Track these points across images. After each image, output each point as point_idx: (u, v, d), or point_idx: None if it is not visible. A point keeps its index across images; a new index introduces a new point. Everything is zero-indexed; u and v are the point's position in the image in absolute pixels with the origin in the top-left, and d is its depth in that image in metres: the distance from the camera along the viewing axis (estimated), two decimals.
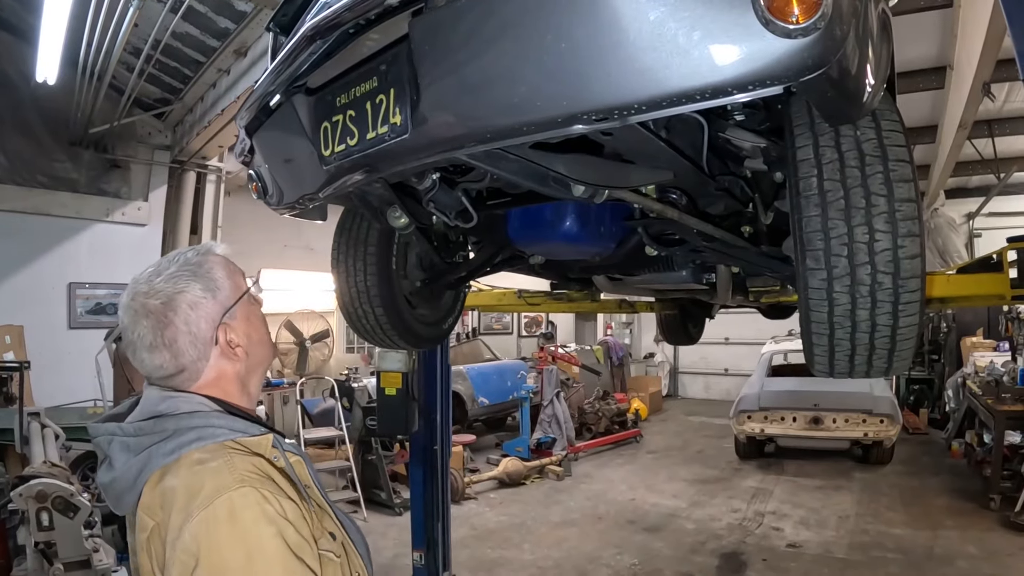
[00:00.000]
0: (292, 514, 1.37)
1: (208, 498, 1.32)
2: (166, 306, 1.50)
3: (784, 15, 1.24)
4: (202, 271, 1.56)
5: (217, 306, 1.55)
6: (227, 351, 1.57)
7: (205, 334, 1.53)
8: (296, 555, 1.33)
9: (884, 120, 1.83)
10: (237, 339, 1.58)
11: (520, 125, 1.54)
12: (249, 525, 1.31)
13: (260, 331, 1.67)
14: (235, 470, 1.37)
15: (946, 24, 8.60)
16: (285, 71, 1.99)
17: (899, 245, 1.77)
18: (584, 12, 1.39)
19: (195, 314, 1.52)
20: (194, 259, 1.58)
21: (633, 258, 3.09)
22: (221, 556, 1.28)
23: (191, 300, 1.52)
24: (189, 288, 1.52)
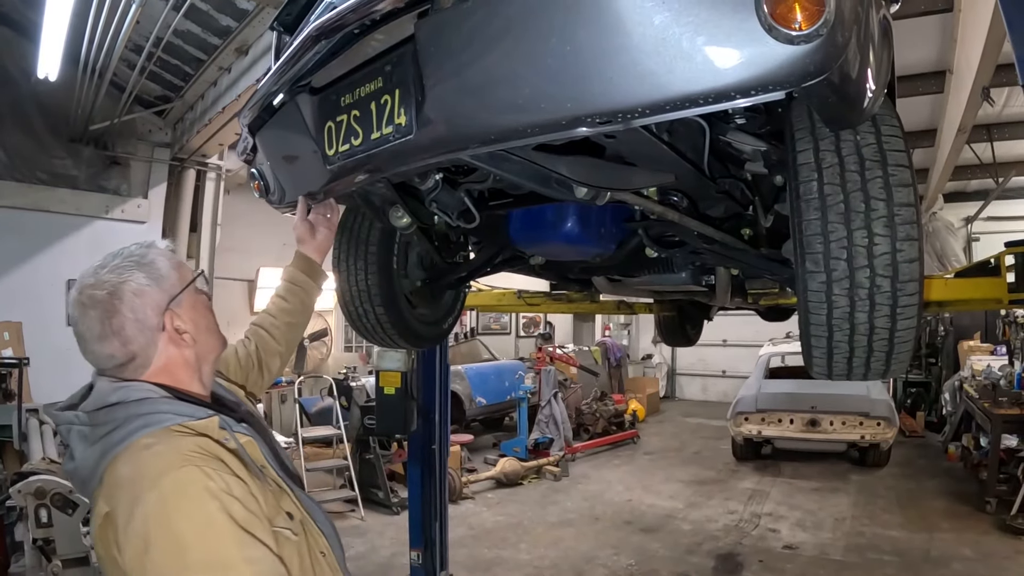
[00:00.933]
0: (238, 491, 1.42)
1: (153, 480, 1.37)
2: (112, 295, 1.56)
3: (787, 21, 1.26)
4: (145, 261, 1.62)
5: (162, 294, 1.62)
6: (174, 337, 1.63)
7: (151, 320, 1.59)
8: (244, 529, 1.37)
9: (884, 125, 1.85)
10: (184, 326, 1.64)
11: (524, 127, 1.55)
12: (194, 502, 1.36)
13: (208, 320, 1.75)
14: (178, 451, 1.42)
15: (946, 28, 8.62)
16: (289, 70, 2.00)
17: (898, 249, 1.78)
18: (589, 16, 1.41)
19: (140, 301, 1.58)
20: (138, 252, 1.64)
21: (633, 259, 3.10)
22: (171, 533, 1.33)
23: (135, 288, 1.58)
24: (133, 277, 1.58)
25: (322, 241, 2.52)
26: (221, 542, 1.34)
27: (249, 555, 1.36)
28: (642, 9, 1.35)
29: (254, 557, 1.36)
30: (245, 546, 1.36)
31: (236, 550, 1.35)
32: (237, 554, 1.35)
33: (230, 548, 1.35)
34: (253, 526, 1.39)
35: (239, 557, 1.34)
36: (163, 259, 1.66)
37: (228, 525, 1.35)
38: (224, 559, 1.34)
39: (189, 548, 1.32)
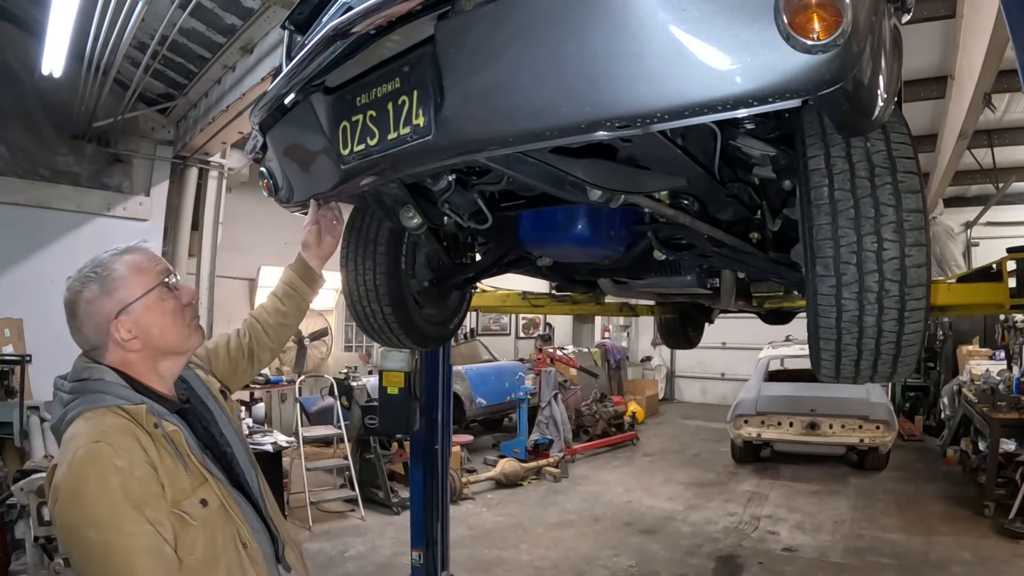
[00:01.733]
0: (140, 472, 1.65)
1: (76, 447, 1.64)
2: (72, 301, 1.84)
3: (805, 31, 1.27)
4: (104, 271, 1.85)
5: (112, 303, 1.83)
6: (120, 342, 1.83)
7: (102, 327, 1.83)
8: (135, 505, 1.60)
9: (894, 133, 1.87)
10: (131, 333, 1.83)
11: (543, 130, 1.57)
12: (98, 471, 1.60)
13: (165, 323, 1.90)
14: (102, 428, 1.68)
15: (948, 34, 8.64)
16: (304, 70, 2.01)
17: (906, 254, 1.81)
18: (610, 22, 1.43)
19: (92, 309, 1.83)
20: (105, 259, 1.88)
21: (641, 262, 3.12)
22: (74, 491, 1.60)
23: (88, 298, 1.83)
24: (87, 288, 1.83)
25: (327, 249, 2.63)
26: (112, 508, 1.58)
27: (131, 528, 1.58)
28: (663, 16, 1.37)
29: (135, 530, 1.59)
30: (129, 519, 1.58)
31: (122, 518, 1.58)
32: (122, 522, 1.58)
33: (117, 516, 1.58)
34: (145, 503, 1.62)
35: (123, 525, 1.58)
36: (125, 268, 1.87)
37: (121, 497, 1.59)
38: (110, 522, 1.58)
39: (85, 507, 1.59)
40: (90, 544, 1.59)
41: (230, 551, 1.79)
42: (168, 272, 1.95)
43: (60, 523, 1.65)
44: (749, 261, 2.73)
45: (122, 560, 1.57)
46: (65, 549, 1.74)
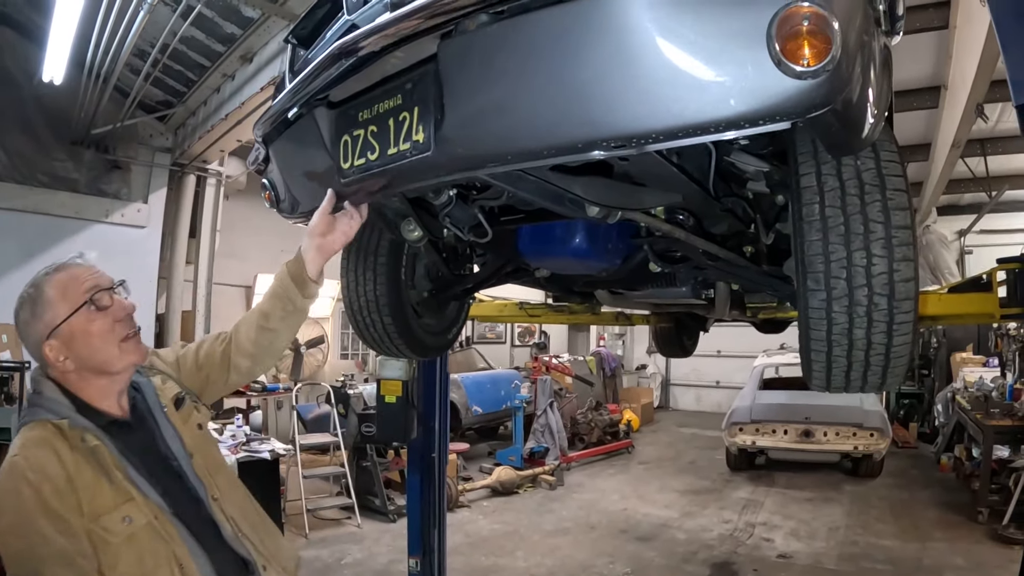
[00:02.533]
0: (51, 484, 1.69)
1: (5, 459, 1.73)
2: (15, 320, 1.90)
3: (796, 58, 1.32)
4: (37, 293, 1.87)
5: (41, 326, 1.85)
6: (54, 362, 1.86)
7: (37, 346, 1.87)
8: (42, 512, 1.65)
9: (883, 151, 1.92)
10: (60, 354, 1.85)
11: (542, 148, 1.61)
12: (7, 483, 1.69)
13: (90, 345, 1.88)
14: (21, 442, 1.75)
15: (941, 45, 8.72)
16: (308, 86, 2.04)
17: (895, 269, 1.86)
18: (609, 45, 1.47)
19: (27, 331, 1.88)
20: (40, 279, 1.90)
21: (637, 274, 3.16)
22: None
23: (23, 319, 1.88)
24: (22, 309, 1.88)
25: (335, 240, 2.27)
26: (23, 518, 1.65)
27: (40, 538, 1.64)
28: (660, 40, 1.42)
29: (45, 540, 1.64)
30: (38, 529, 1.65)
31: (31, 528, 1.64)
32: (31, 531, 1.64)
33: (28, 525, 1.65)
34: (57, 515, 1.66)
35: (32, 535, 1.64)
36: (55, 289, 1.87)
37: (32, 507, 1.65)
38: (23, 531, 1.65)
39: (3, 515, 1.68)
40: (10, 550, 1.68)
41: (162, 572, 1.76)
42: (95, 289, 1.91)
43: None
44: (742, 274, 2.78)
45: (32, 567, 1.64)
46: None
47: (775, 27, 1.33)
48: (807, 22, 1.32)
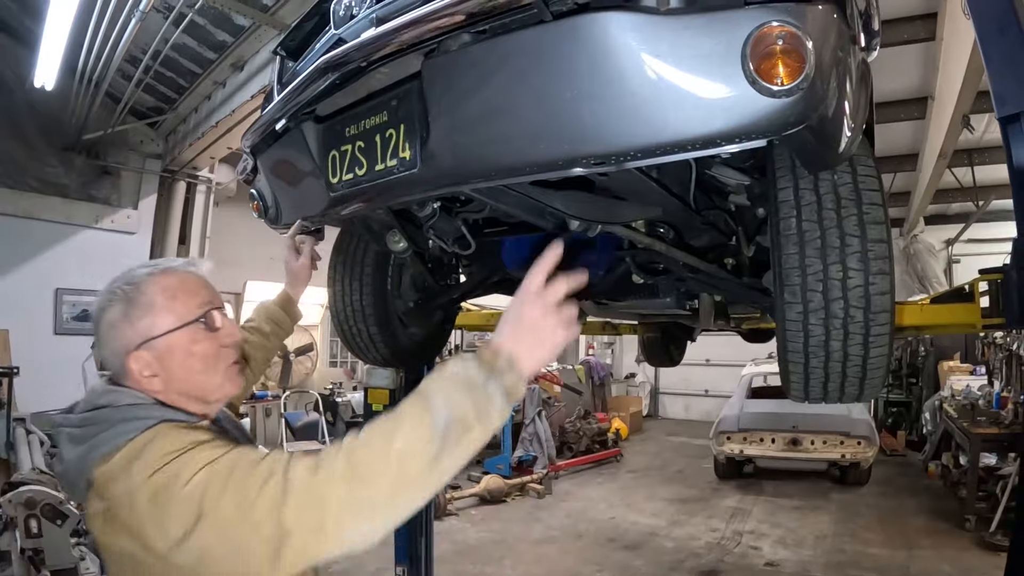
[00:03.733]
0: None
1: (168, 456, 1.34)
2: (95, 318, 1.56)
3: (770, 77, 1.36)
4: (135, 292, 1.54)
5: (131, 332, 1.52)
6: (137, 378, 1.52)
7: (119, 355, 1.52)
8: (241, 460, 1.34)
9: (860, 166, 1.96)
10: (151, 369, 1.53)
11: (524, 165, 1.65)
12: (217, 465, 1.31)
13: (188, 367, 1.57)
14: (182, 440, 1.38)
15: (928, 56, 8.82)
16: (295, 99, 2.06)
17: (871, 282, 1.90)
18: (588, 65, 1.51)
19: (111, 334, 1.53)
20: (140, 277, 1.57)
21: (620, 285, 3.18)
22: (214, 501, 1.28)
23: (109, 320, 1.53)
24: (111, 307, 1.53)
25: (305, 277, 2.55)
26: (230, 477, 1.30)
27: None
28: (638, 61, 1.45)
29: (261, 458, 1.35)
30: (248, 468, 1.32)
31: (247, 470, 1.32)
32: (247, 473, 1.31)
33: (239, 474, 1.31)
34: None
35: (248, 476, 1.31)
36: (158, 294, 1.55)
37: (231, 464, 1.33)
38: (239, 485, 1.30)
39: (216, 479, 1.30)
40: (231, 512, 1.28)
41: None
42: (210, 305, 1.62)
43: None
44: (723, 286, 2.81)
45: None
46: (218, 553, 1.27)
47: (749, 47, 1.37)
48: (781, 41, 1.36)
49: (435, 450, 1.30)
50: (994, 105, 2.20)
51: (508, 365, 1.40)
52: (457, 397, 1.34)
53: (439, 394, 1.35)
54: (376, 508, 1.29)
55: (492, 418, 1.36)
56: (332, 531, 1.26)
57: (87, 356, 7.51)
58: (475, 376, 1.37)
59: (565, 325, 1.45)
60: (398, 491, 1.29)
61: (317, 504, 1.26)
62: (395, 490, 1.29)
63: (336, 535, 1.27)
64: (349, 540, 1.28)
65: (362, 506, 1.27)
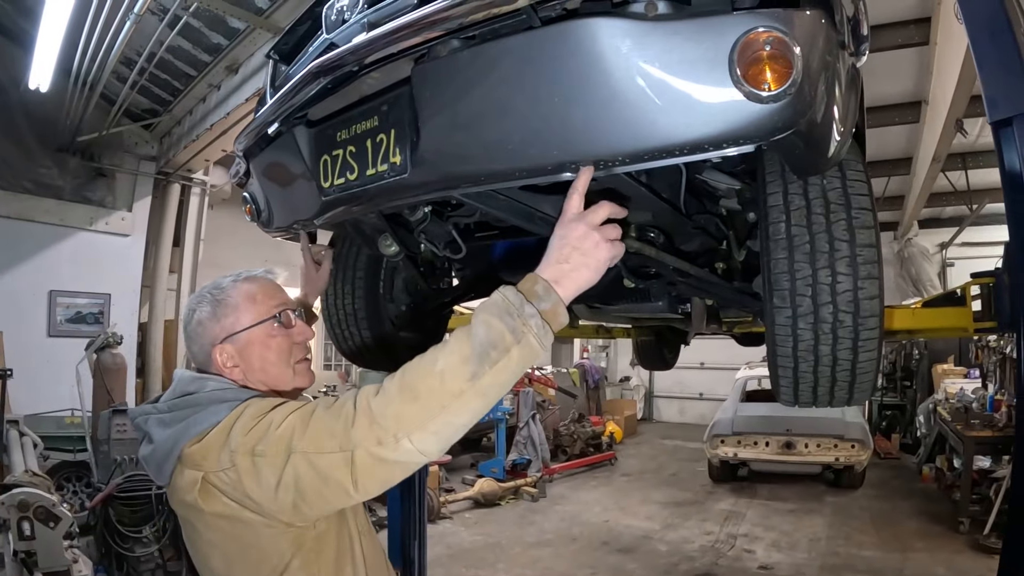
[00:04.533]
0: None
1: (261, 414, 1.58)
2: (186, 319, 1.84)
3: (758, 83, 1.36)
4: (222, 295, 1.81)
5: (219, 329, 1.78)
6: (221, 368, 1.78)
7: (206, 348, 1.79)
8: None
9: (850, 170, 1.97)
10: (233, 360, 1.78)
11: (513, 170, 1.65)
12: (303, 410, 1.56)
13: (263, 359, 1.82)
14: (269, 403, 1.63)
15: (922, 61, 8.85)
16: (288, 103, 2.05)
17: (859, 287, 1.91)
18: (576, 71, 1.51)
19: (200, 331, 1.80)
20: (225, 283, 1.84)
21: (611, 289, 3.17)
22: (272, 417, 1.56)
23: (199, 318, 1.80)
24: (200, 308, 1.81)
25: (321, 283, 2.62)
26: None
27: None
28: (625, 67, 1.46)
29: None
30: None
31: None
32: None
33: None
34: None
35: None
36: (243, 296, 1.82)
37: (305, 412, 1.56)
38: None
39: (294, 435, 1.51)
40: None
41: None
42: (283, 307, 1.87)
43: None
44: (714, 290, 2.81)
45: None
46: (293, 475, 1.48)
47: (737, 52, 1.37)
48: (769, 47, 1.36)
49: (472, 369, 1.43)
50: (986, 109, 2.20)
51: (545, 291, 1.52)
52: (495, 322, 1.46)
53: (480, 323, 1.48)
54: (426, 420, 1.43)
55: (531, 342, 1.46)
56: (391, 443, 1.43)
57: (80, 358, 7.50)
58: (513, 301, 1.49)
59: (608, 243, 1.55)
60: (445, 405, 1.43)
61: (377, 420, 1.44)
62: (441, 404, 1.43)
63: (395, 446, 1.43)
64: (407, 450, 1.44)
65: (413, 419, 1.43)
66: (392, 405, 1.45)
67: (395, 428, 1.43)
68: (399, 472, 1.48)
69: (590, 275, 1.56)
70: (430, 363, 1.46)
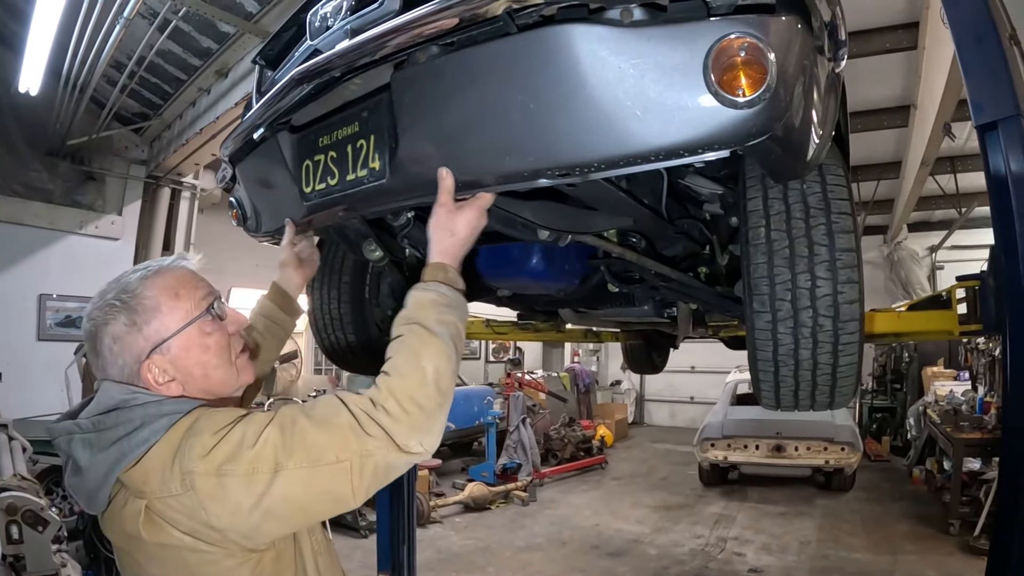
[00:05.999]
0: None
1: (222, 430, 1.41)
2: (93, 334, 1.51)
3: (732, 89, 1.37)
4: (134, 300, 1.51)
5: (142, 340, 1.50)
6: (153, 385, 1.51)
7: (130, 367, 1.50)
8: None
9: (829, 175, 1.99)
10: (169, 372, 1.52)
11: (490, 176, 1.66)
12: (280, 419, 1.45)
13: (204, 363, 1.57)
14: (227, 416, 1.45)
15: (911, 65, 8.88)
16: (271, 108, 2.07)
17: (839, 291, 1.92)
18: (552, 78, 1.52)
19: (118, 347, 1.50)
20: (135, 284, 1.53)
21: (596, 294, 3.20)
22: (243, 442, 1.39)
23: (113, 333, 1.50)
24: (113, 320, 1.50)
25: (308, 273, 2.46)
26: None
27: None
28: (601, 73, 1.47)
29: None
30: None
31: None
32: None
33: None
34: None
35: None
36: (160, 295, 1.53)
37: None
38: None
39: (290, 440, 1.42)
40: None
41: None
42: (212, 296, 1.63)
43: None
44: (697, 295, 2.83)
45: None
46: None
47: (711, 59, 1.38)
48: (743, 53, 1.37)
49: (455, 362, 1.60)
50: (971, 114, 2.22)
51: (456, 274, 1.76)
52: (447, 317, 1.63)
53: (433, 321, 1.61)
54: (432, 423, 1.52)
55: (465, 314, 1.72)
56: (403, 448, 1.46)
57: (70, 362, 7.47)
58: (448, 294, 1.69)
59: (475, 215, 1.77)
60: (443, 404, 1.54)
61: (389, 428, 1.45)
62: (441, 404, 1.54)
63: (407, 451, 1.47)
64: (417, 453, 1.50)
65: (422, 424, 1.49)
66: (399, 412, 1.46)
67: (406, 435, 1.46)
68: (399, 475, 1.52)
69: (469, 244, 1.81)
70: (419, 373, 1.52)
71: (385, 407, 1.46)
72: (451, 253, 1.77)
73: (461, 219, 1.75)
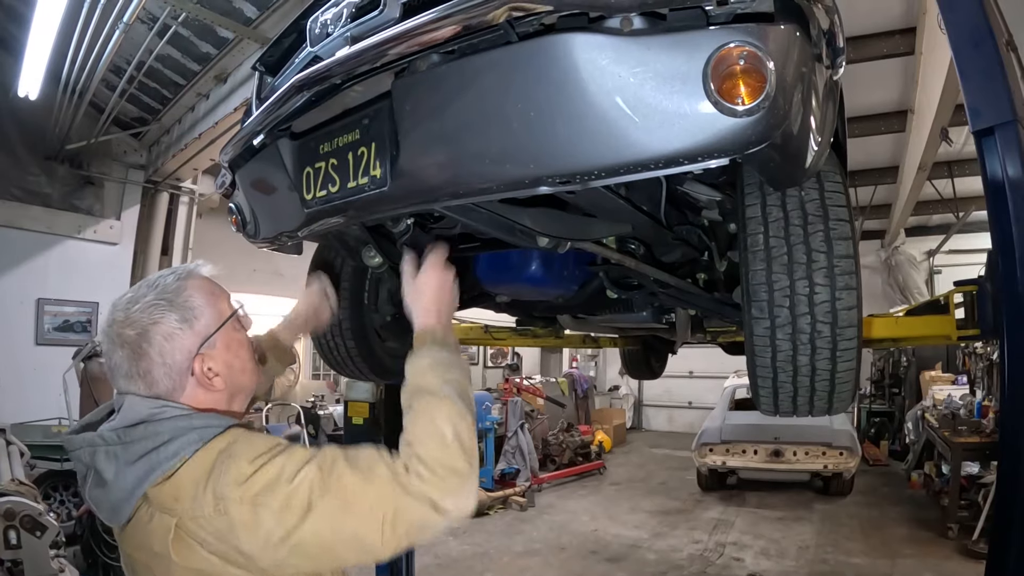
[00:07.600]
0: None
1: (259, 458, 1.40)
2: (141, 337, 1.49)
3: (731, 97, 1.38)
4: (180, 299, 1.54)
5: (194, 336, 1.53)
6: (204, 382, 1.54)
7: (181, 365, 1.51)
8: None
9: (828, 182, 1.99)
10: (216, 368, 1.55)
11: (491, 184, 1.66)
12: (320, 460, 1.43)
13: (242, 359, 1.64)
14: (265, 442, 1.45)
15: (908, 71, 8.91)
16: (272, 115, 2.07)
17: (837, 297, 1.93)
18: (553, 87, 1.53)
19: (170, 345, 1.50)
20: (173, 285, 1.56)
21: (595, 300, 3.20)
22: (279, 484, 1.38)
23: (166, 332, 1.50)
24: (164, 319, 1.51)
25: (311, 329, 2.60)
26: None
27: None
28: (601, 82, 1.47)
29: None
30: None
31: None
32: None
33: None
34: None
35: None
36: (200, 295, 1.58)
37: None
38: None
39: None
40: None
41: None
42: (234, 301, 1.71)
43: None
44: (694, 301, 2.84)
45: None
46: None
47: (711, 67, 1.39)
48: (742, 61, 1.38)
49: (470, 418, 1.59)
50: (968, 119, 2.24)
51: (445, 332, 1.83)
52: (448, 376, 1.65)
53: (436, 385, 1.62)
54: (463, 484, 1.48)
55: (466, 368, 1.75)
56: (438, 513, 1.44)
57: (68, 367, 7.46)
58: (447, 356, 1.72)
59: (434, 273, 1.91)
60: (471, 463, 1.52)
61: (426, 494, 1.43)
62: (470, 463, 1.51)
63: (442, 516, 1.45)
64: (453, 513, 1.46)
65: (454, 489, 1.46)
66: (431, 476, 1.44)
67: (441, 498, 1.44)
68: (433, 534, 1.48)
69: (452, 306, 1.96)
70: (439, 439, 1.50)
71: (418, 472, 1.44)
72: (431, 313, 1.86)
73: (422, 282, 1.89)
